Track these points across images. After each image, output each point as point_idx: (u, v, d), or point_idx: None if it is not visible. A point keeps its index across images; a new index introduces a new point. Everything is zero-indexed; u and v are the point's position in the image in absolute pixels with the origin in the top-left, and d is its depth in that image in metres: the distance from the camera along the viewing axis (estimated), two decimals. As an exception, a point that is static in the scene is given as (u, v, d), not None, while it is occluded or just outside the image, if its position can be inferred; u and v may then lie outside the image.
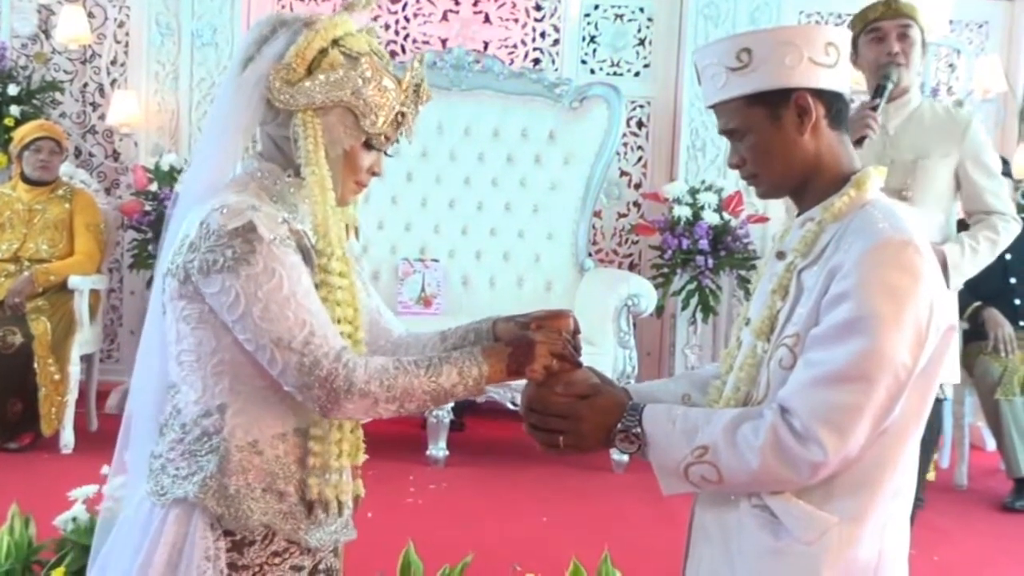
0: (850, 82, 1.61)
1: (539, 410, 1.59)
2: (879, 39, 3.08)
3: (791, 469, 1.43)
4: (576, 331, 1.71)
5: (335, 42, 1.60)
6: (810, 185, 1.58)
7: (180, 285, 1.53)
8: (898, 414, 1.44)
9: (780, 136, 1.55)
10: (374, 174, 1.68)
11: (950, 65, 6.03)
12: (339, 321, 1.57)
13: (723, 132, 1.61)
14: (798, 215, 1.61)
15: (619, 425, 1.54)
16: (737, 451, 1.45)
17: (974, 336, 4.69)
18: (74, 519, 2.91)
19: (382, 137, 1.64)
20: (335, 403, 1.50)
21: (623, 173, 5.98)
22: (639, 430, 1.53)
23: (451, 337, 1.77)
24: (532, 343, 1.59)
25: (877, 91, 3.02)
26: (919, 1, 3.17)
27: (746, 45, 1.53)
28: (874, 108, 2.96)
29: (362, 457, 1.69)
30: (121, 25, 5.83)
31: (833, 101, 1.56)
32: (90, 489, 2.95)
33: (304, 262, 1.54)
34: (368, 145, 1.64)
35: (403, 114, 1.65)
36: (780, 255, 1.60)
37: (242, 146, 1.63)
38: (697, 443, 1.48)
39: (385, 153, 1.69)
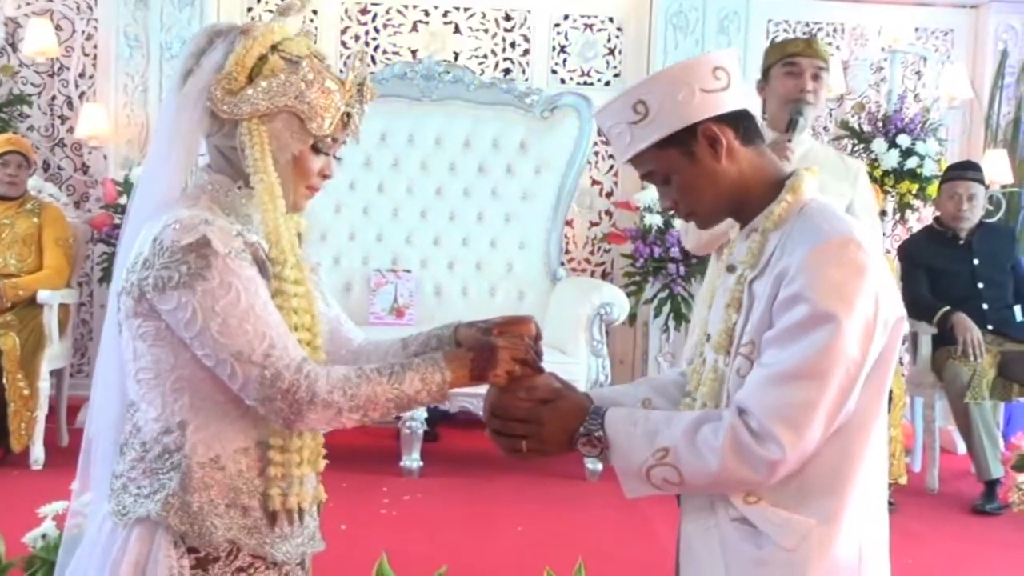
0: (749, 96, 1.62)
1: (501, 415, 1.59)
2: (795, 74, 3.11)
3: (750, 468, 1.45)
4: (538, 336, 1.71)
5: (274, 47, 1.58)
6: (745, 204, 1.60)
7: (135, 303, 1.52)
8: (853, 409, 1.47)
9: (700, 170, 1.57)
10: (325, 177, 1.67)
11: (916, 72, 6.09)
12: (296, 328, 1.56)
13: (644, 177, 1.64)
14: (740, 228, 1.63)
15: (581, 429, 1.55)
16: (697, 452, 1.47)
17: (943, 340, 4.73)
18: (43, 536, 2.87)
19: (329, 139, 1.63)
20: (298, 415, 1.49)
21: (594, 182, 6.01)
22: (601, 433, 1.54)
23: (413, 344, 1.77)
24: (495, 348, 1.59)
25: (790, 124, 3.06)
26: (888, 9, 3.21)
27: (639, 97, 1.55)
28: (788, 140, 3.01)
29: (322, 463, 1.67)
30: (89, 38, 5.80)
31: (739, 120, 1.58)
32: (60, 506, 2.91)
33: (260, 274, 1.53)
34: (316, 149, 1.63)
35: (349, 115, 1.64)
36: (730, 268, 1.62)
37: (190, 160, 1.61)
38: (658, 445, 1.49)
39: (335, 157, 1.68)
